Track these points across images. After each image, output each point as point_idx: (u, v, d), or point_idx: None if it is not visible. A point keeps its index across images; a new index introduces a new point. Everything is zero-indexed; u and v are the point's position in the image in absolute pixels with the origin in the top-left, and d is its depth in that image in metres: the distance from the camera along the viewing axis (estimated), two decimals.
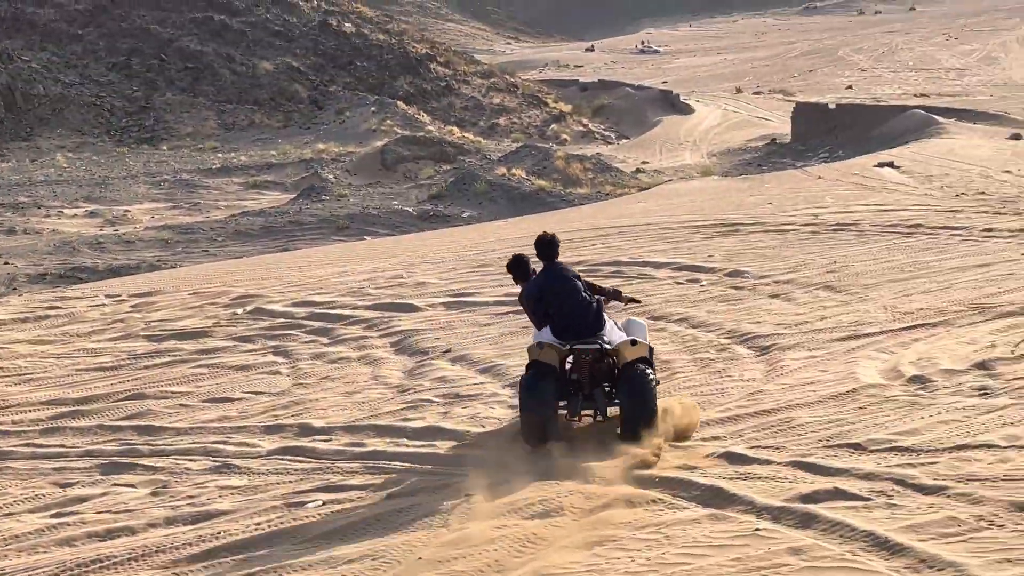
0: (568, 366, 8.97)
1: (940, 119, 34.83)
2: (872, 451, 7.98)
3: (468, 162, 38.48)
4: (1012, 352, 10.43)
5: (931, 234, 17.37)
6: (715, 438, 8.99)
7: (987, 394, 9.22)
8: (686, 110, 52.81)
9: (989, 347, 10.76)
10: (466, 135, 46.05)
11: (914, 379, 9.95)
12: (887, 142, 33.15)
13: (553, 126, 51.48)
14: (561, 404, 8.94)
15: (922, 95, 49.82)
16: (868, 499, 6.94)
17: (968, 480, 7.01)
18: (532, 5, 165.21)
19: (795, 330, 12.50)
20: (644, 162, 40.90)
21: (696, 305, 14.29)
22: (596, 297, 9.42)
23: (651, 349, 9.37)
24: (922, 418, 8.72)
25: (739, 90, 61.44)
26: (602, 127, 53.11)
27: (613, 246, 18.82)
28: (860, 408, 9.28)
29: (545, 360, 8.84)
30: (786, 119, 44.48)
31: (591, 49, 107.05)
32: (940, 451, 7.75)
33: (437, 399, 11.15)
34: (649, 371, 8.86)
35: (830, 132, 40.07)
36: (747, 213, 20.81)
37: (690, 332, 13.01)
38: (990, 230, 17.09)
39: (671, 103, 55.16)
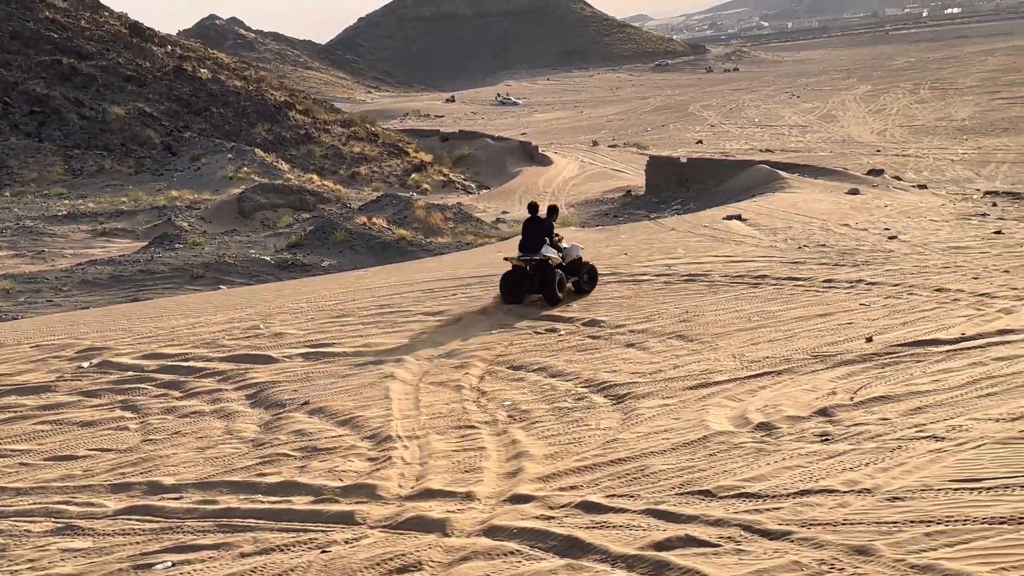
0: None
1: (784, 174, 36.33)
2: (721, 497, 8.21)
3: (328, 210, 38.13)
4: (851, 399, 10.93)
5: (776, 285, 18.07)
6: (572, 487, 9.10)
7: (828, 440, 9.62)
8: (545, 161, 53.72)
9: (830, 394, 11.24)
10: (326, 183, 45.69)
11: (760, 426, 10.31)
12: (735, 195, 34.40)
13: (414, 175, 51.60)
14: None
15: (767, 150, 52.02)
16: (717, 545, 7.14)
17: (811, 525, 7.29)
18: (393, 55, 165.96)
19: (649, 379, 12.81)
20: (504, 212, 41.38)
21: (555, 354, 14.49)
22: (544, 236, 17.71)
23: (577, 259, 18.05)
24: (768, 464, 9.03)
25: (596, 143, 62.92)
26: (463, 177, 53.51)
27: (473, 296, 18.93)
28: (710, 455, 9.55)
29: (511, 260, 17.86)
30: (640, 171, 45.70)
31: (451, 100, 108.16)
32: (784, 496, 8.03)
33: (294, 453, 10.95)
34: (559, 271, 17.50)
35: (682, 185, 41.32)
36: (604, 263, 21.24)
37: (549, 381, 13.18)
38: (830, 281, 17.89)
39: (530, 154, 56.03)
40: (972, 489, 7.70)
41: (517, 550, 7.56)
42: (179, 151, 49.33)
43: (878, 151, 49.66)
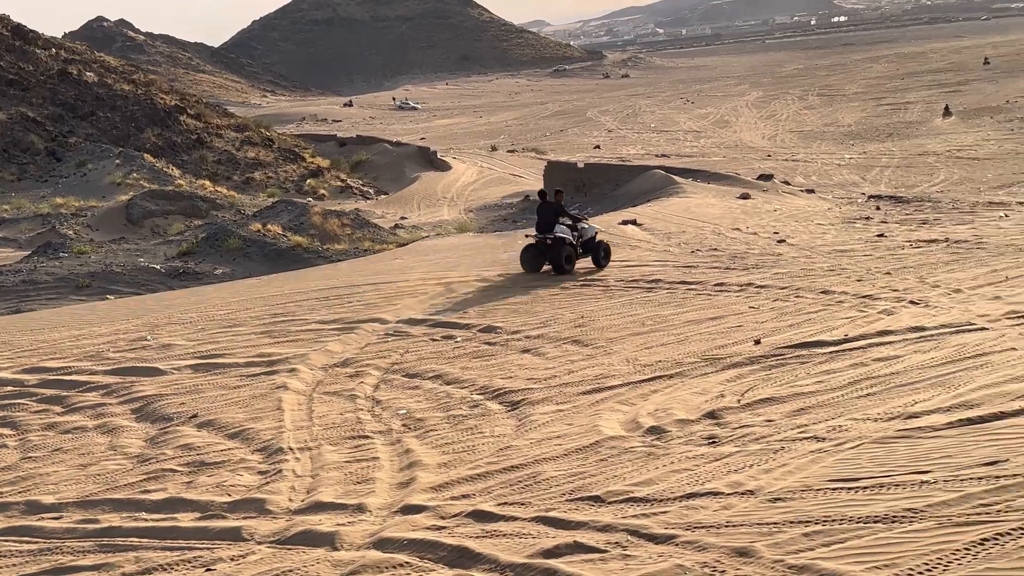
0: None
1: (679, 179, 36.86)
2: (610, 503, 8.29)
3: (221, 217, 37.37)
4: (739, 401, 11.16)
5: (670, 289, 18.35)
6: (465, 496, 9.08)
7: (715, 442, 9.80)
8: (444, 167, 53.57)
9: (719, 397, 11.46)
10: (219, 189, 44.76)
11: (651, 430, 10.44)
12: (631, 200, 34.80)
13: (310, 181, 50.90)
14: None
15: (663, 155, 52.82)
16: (604, 551, 7.20)
17: (695, 528, 7.40)
18: (288, 59, 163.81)
19: (544, 384, 12.87)
20: (403, 217, 41.15)
21: (451, 361, 14.46)
22: (559, 217, 20.39)
23: (592, 237, 20.66)
24: (656, 468, 9.15)
25: (494, 148, 63.08)
26: (360, 182, 53.00)
27: (370, 303, 18.77)
28: (601, 460, 9.64)
29: (531, 237, 20.61)
30: (539, 176, 45.92)
31: (349, 104, 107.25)
32: (671, 500, 8.15)
33: (181, 468, 10.70)
34: (568, 248, 20.16)
35: (580, 190, 41.63)
36: (501, 269, 21.30)
37: (444, 389, 13.14)
38: (722, 284, 18.25)
39: (429, 159, 55.83)
40: (849, 489, 7.92)
41: (407, 562, 7.50)
42: (64, 157, 47.78)
43: (769, 156, 50.88)
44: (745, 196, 33.54)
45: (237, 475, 10.26)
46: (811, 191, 37.36)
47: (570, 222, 20.64)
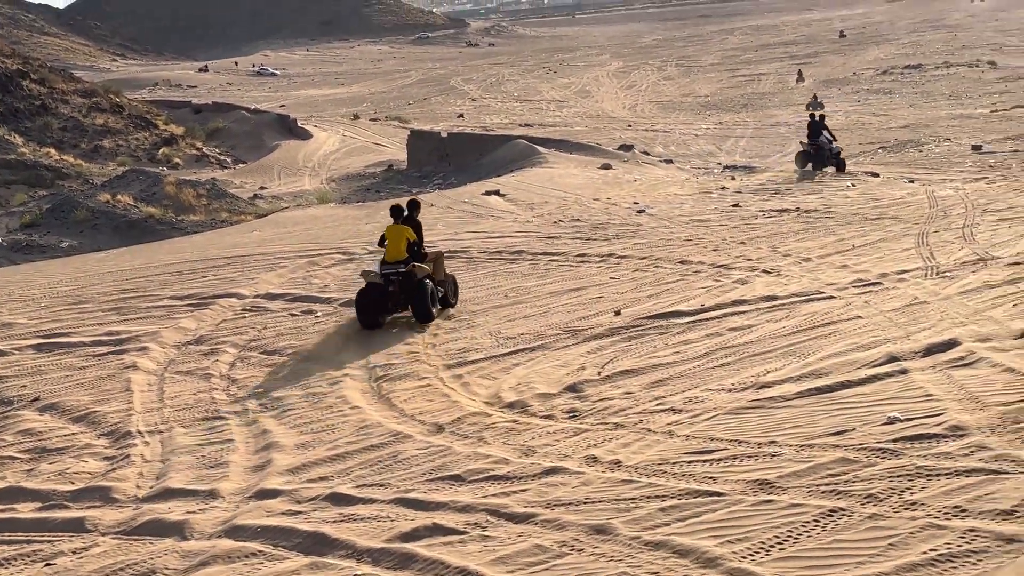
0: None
1: (542, 149, 37.00)
2: (471, 482, 8.21)
3: (67, 187, 35.72)
4: (599, 374, 11.23)
5: (532, 260, 18.38)
6: (322, 479, 8.86)
7: (575, 416, 9.84)
8: (304, 135, 52.41)
9: (580, 369, 11.51)
10: (65, 158, 42.72)
11: (512, 404, 10.42)
12: (495, 170, 34.77)
13: (164, 149, 49.04)
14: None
15: (526, 125, 52.90)
16: (464, 532, 7.12)
17: (554, 506, 7.39)
18: (140, 20, 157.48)
19: (407, 359, 12.72)
20: (262, 187, 40.11)
21: (311, 337, 14.13)
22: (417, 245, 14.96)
23: (446, 277, 15.38)
24: (517, 444, 9.12)
25: (357, 116, 62.05)
26: (217, 151, 51.39)
27: (226, 278, 18.20)
28: (463, 437, 9.55)
29: (368, 277, 14.85)
30: (402, 146, 45.41)
31: (205, 69, 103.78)
32: (531, 478, 8.12)
33: (20, 455, 10.16)
34: (428, 283, 14.61)
35: (444, 159, 41.41)
36: (364, 242, 20.94)
37: (303, 366, 12.84)
38: (583, 255, 18.37)
39: (289, 128, 54.53)
40: (705, 461, 8.05)
41: (260, 551, 7.27)
42: None
43: (629, 126, 51.53)
44: (606, 166, 33.91)
45: (81, 461, 9.80)
46: (670, 161, 38.06)
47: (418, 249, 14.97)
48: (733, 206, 23.40)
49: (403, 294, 14.44)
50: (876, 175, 28.48)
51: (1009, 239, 16.66)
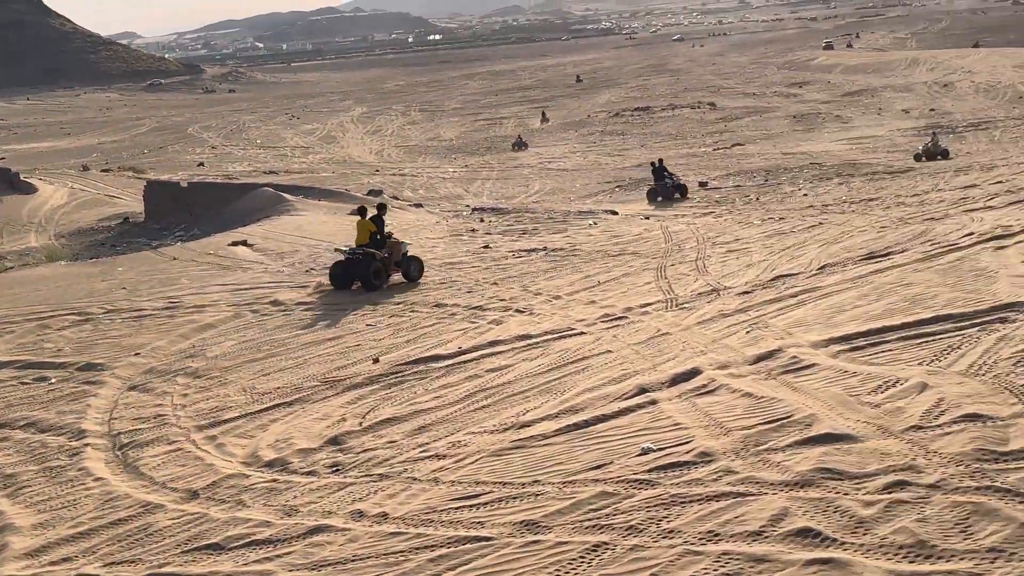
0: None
1: (289, 196, 36.33)
2: (230, 549, 7.83)
3: None
4: (360, 424, 11.05)
5: (286, 311, 17.94)
6: (66, 560, 8.20)
7: (338, 470, 9.61)
8: (28, 189, 49.03)
9: (340, 421, 11.29)
10: None
11: (272, 463, 10.06)
12: (241, 219, 33.77)
13: None
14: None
15: (272, 172, 51.94)
16: None
17: (321, 567, 7.17)
18: None
19: (154, 423, 12.05)
20: None
21: (45, 406, 13.13)
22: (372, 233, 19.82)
23: (404, 253, 20.11)
24: (279, 504, 8.79)
25: (86, 167, 58.78)
26: None
27: None
28: (220, 502, 9.12)
29: (340, 252, 20.03)
30: (139, 197, 43.37)
31: None
32: (295, 539, 7.85)
33: None
34: (377, 263, 19.36)
35: (185, 210, 39.86)
36: (99, 300, 19.76)
37: (39, 438, 11.89)
38: (337, 303, 18.12)
39: (10, 182, 50.88)
40: (471, 507, 8.06)
41: None
42: None
43: (377, 171, 51.65)
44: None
45: None
46: (419, 205, 38.36)
47: (379, 235, 20.10)
48: (484, 247, 23.83)
49: (358, 267, 19.41)
50: (615, 213, 29.86)
51: (738, 269, 17.84)
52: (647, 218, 28.03)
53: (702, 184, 35.34)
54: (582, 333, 14.31)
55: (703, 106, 65.59)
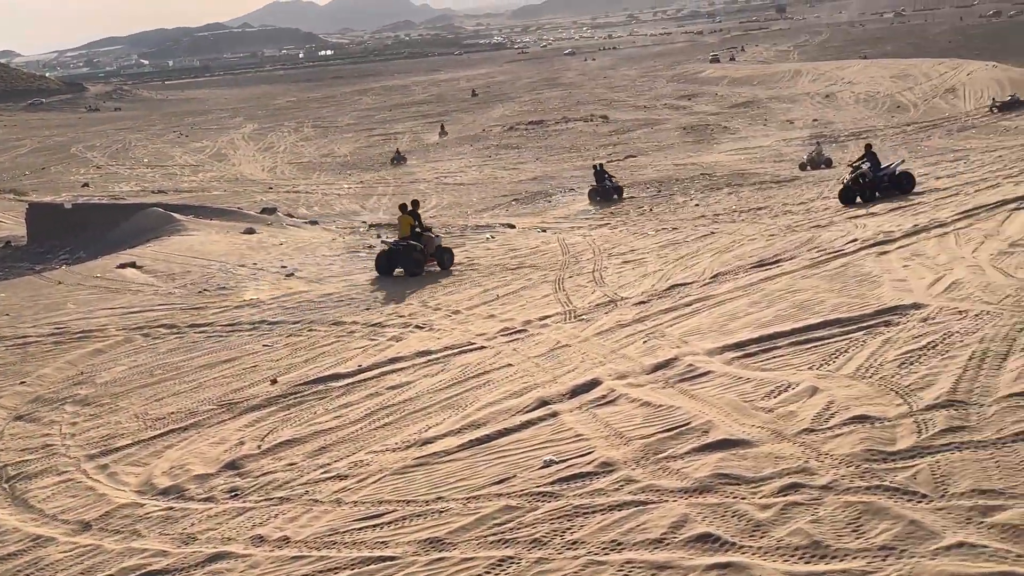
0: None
1: (179, 216, 35.52)
2: None
3: None
4: (259, 447, 10.86)
5: (179, 333, 17.55)
6: None
7: (237, 495, 9.42)
8: None
9: (238, 445, 11.07)
10: None
11: (167, 490, 9.81)
12: (129, 241, 32.89)
13: None
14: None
15: (160, 191, 50.70)
16: None
17: None
18: None
19: (43, 453, 11.65)
20: None
21: None
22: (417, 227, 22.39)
23: (438, 246, 22.49)
24: (177, 532, 8.58)
25: None
26: None
27: None
28: (114, 532, 8.86)
29: (386, 244, 22.72)
30: (20, 220, 41.95)
31: None
32: (194, 568, 7.67)
33: None
34: (417, 252, 21.83)
35: (69, 232, 38.64)
36: None
37: None
38: (234, 324, 17.79)
39: None
40: (375, 526, 7.99)
41: None
42: None
43: (270, 188, 50.90)
44: (250, 231, 33.19)
45: None
46: (315, 222, 37.95)
47: (419, 230, 22.48)
48: None
49: (401, 257, 21.78)
50: (512, 226, 30.02)
51: (634, 280, 18.10)
52: (544, 231, 28.25)
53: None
54: (482, 347, 14.33)
55: (596, 119, 66.44)
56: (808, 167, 38.85)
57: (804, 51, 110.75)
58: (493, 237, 27.27)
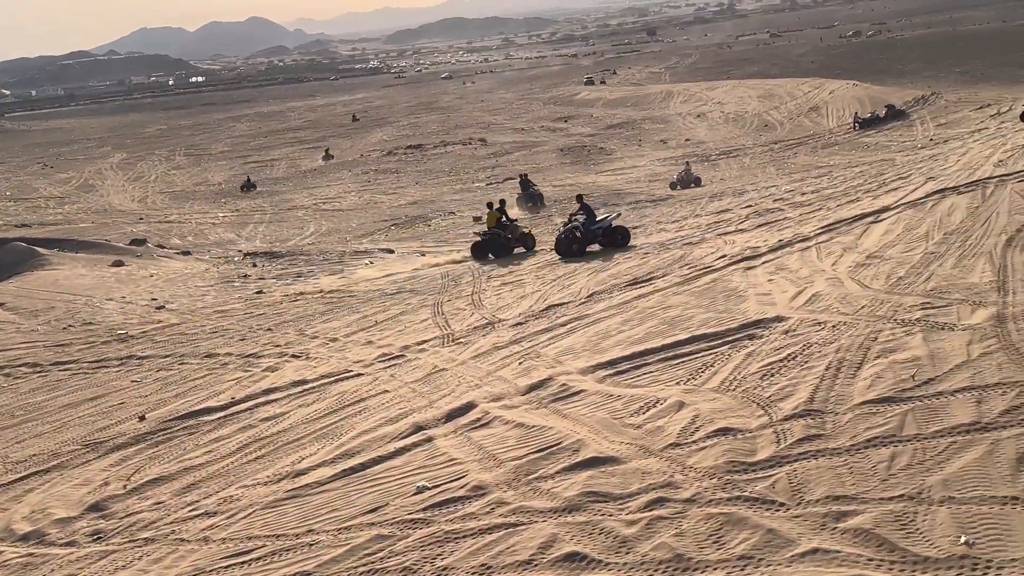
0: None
1: (43, 250, 34.29)
2: None
3: None
4: (125, 487, 10.54)
5: (41, 372, 16.94)
6: None
7: (100, 538, 9.13)
8: None
9: (103, 485, 10.74)
10: None
11: (27, 536, 9.45)
12: None
13: None
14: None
15: (23, 225, 48.90)
16: None
17: None
18: None
19: None
20: None
21: None
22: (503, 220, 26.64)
23: (522, 232, 26.74)
24: None
25: None
26: None
27: None
28: None
29: (478, 234, 26.97)
30: None
31: None
32: None
33: None
34: (503, 239, 25.98)
35: None
36: None
37: None
38: (100, 361, 17.25)
39: None
40: (243, 563, 7.84)
41: None
42: None
43: (141, 219, 49.56)
44: (119, 263, 32.25)
45: None
46: (188, 252, 37.11)
47: (505, 220, 26.36)
48: (257, 293, 23.34)
49: (491, 244, 25.62)
50: (391, 251, 29.92)
51: (512, 302, 18.24)
52: (423, 255, 28.24)
53: (477, 219, 35.96)
54: (360, 375, 14.24)
55: (474, 142, 66.79)
56: (678, 186, 39.82)
57: (675, 72, 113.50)
58: (372, 263, 27.12)
